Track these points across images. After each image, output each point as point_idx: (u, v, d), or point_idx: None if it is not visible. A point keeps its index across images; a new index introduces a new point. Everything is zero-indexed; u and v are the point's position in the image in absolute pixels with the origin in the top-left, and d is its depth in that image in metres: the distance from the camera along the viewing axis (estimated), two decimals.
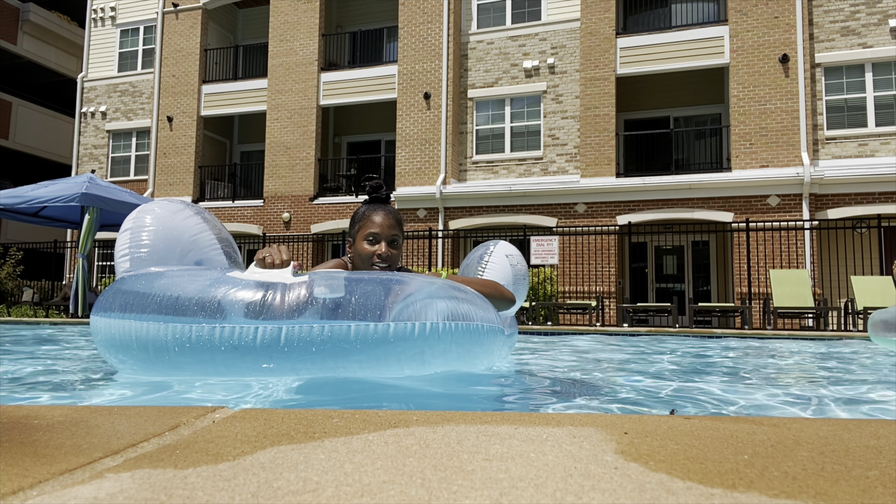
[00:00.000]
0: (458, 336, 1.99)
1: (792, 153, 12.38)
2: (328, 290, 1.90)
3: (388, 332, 1.88)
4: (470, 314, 2.05)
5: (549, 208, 13.76)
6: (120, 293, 2.11)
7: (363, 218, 2.51)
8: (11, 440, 1.01)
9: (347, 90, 16.03)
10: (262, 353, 1.87)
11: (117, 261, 2.32)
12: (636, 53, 13.77)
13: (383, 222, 2.49)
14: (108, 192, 10.16)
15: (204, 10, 17.65)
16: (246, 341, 1.84)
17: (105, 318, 2.11)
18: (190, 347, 1.90)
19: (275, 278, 1.93)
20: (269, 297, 1.87)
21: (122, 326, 2.03)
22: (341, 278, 1.97)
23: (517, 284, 2.76)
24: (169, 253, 2.27)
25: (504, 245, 2.86)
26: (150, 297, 1.99)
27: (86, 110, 18.68)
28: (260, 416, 1.21)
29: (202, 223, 2.41)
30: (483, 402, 2.10)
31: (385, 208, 2.52)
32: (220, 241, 2.43)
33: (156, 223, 2.30)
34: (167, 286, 2.01)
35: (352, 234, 2.54)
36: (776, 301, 9.51)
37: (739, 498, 0.73)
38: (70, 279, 16.28)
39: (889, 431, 1.09)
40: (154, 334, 1.94)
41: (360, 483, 0.78)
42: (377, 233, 2.47)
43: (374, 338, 1.88)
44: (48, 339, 5.52)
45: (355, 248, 2.51)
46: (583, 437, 1.02)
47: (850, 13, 12.60)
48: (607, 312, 12.66)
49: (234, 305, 1.87)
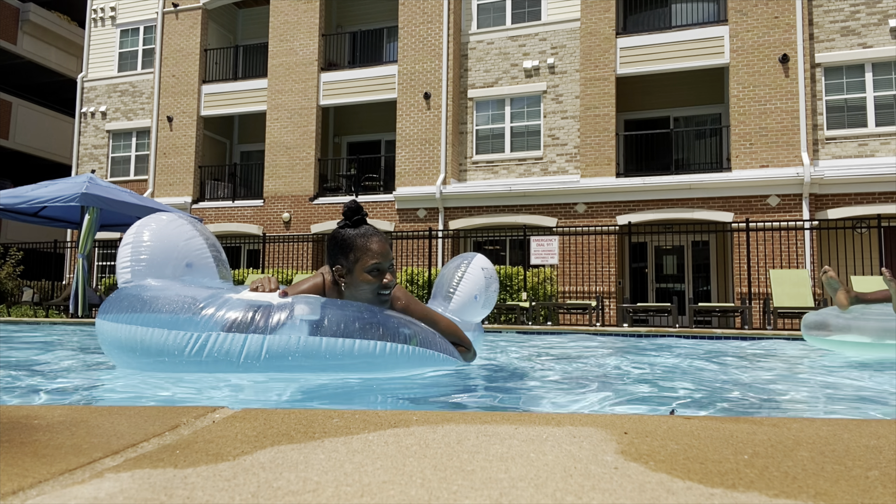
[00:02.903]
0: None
1: (792, 153, 12.38)
2: (307, 312, 2.21)
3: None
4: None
5: (549, 208, 13.76)
6: (133, 300, 2.42)
7: (361, 248, 2.38)
8: (11, 440, 1.01)
9: (347, 90, 16.02)
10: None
11: (119, 271, 2.64)
12: (636, 53, 13.77)
13: (383, 250, 2.39)
14: (108, 192, 10.16)
15: (204, 10, 17.65)
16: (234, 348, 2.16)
17: (115, 323, 2.43)
18: (193, 352, 2.20)
19: (265, 299, 2.26)
20: (257, 314, 2.20)
21: (130, 331, 2.34)
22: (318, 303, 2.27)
23: (488, 295, 3.02)
24: (165, 261, 2.62)
25: (480, 258, 3.04)
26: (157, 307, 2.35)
27: (86, 110, 18.68)
28: (260, 416, 1.21)
29: (192, 230, 2.73)
30: (483, 402, 2.10)
31: (377, 233, 2.44)
32: (210, 248, 2.76)
33: (152, 238, 2.65)
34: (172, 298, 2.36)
35: (344, 264, 2.41)
36: (776, 301, 9.51)
37: (739, 498, 0.73)
38: (70, 279, 16.28)
39: (889, 431, 1.09)
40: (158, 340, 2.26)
41: (360, 483, 0.78)
42: (380, 263, 2.38)
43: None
44: (48, 339, 5.52)
45: (354, 279, 2.40)
46: (583, 437, 1.02)
47: (850, 13, 12.60)
48: (607, 312, 12.66)
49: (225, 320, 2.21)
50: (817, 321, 4.28)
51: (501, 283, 11.86)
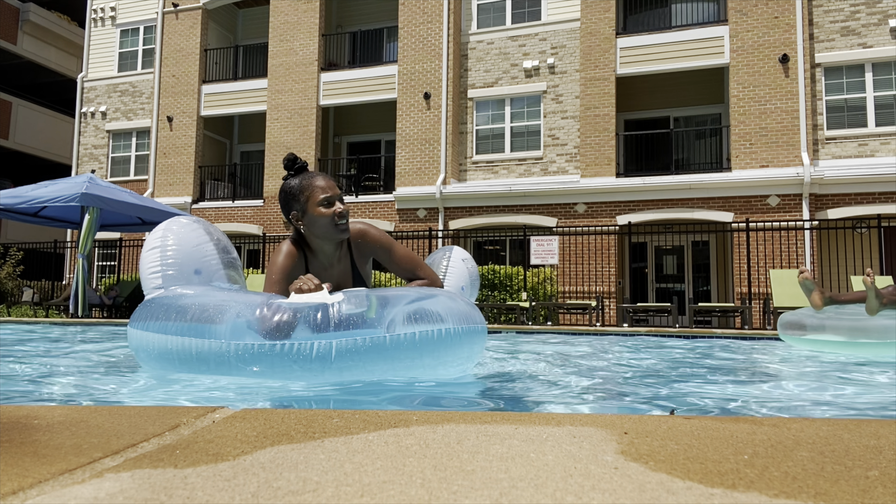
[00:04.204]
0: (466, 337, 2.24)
1: (792, 153, 12.38)
2: (358, 305, 2.12)
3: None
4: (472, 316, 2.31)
5: (549, 208, 13.76)
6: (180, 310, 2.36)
7: (307, 188, 2.48)
8: (11, 440, 1.01)
9: (347, 90, 16.02)
10: (317, 364, 2.07)
11: (147, 276, 2.62)
12: (636, 53, 13.77)
13: (328, 184, 2.49)
14: (108, 192, 10.16)
15: (204, 10, 17.65)
16: (304, 354, 2.05)
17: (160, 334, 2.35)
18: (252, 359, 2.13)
19: (317, 299, 2.15)
20: (318, 315, 2.09)
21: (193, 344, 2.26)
22: (364, 294, 2.19)
23: (473, 285, 3.07)
24: (189, 267, 2.62)
25: (458, 250, 3.13)
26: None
27: (86, 110, 18.68)
28: (260, 416, 1.21)
29: (205, 236, 2.73)
30: (483, 402, 2.10)
31: (319, 173, 2.56)
32: (220, 252, 2.76)
33: (177, 242, 2.66)
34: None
35: (297, 208, 2.48)
36: (776, 301, 9.51)
37: (739, 498, 0.73)
38: (70, 279, 16.28)
39: (889, 431, 1.09)
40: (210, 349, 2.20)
41: (360, 483, 0.78)
42: (329, 195, 2.46)
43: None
44: (48, 339, 5.52)
45: (309, 218, 2.46)
46: (583, 437, 1.02)
47: (850, 13, 12.60)
48: (607, 312, 12.66)
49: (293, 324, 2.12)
50: (793, 321, 4.46)
51: (501, 282, 11.87)
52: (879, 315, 3.99)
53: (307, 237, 2.55)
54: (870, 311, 4.03)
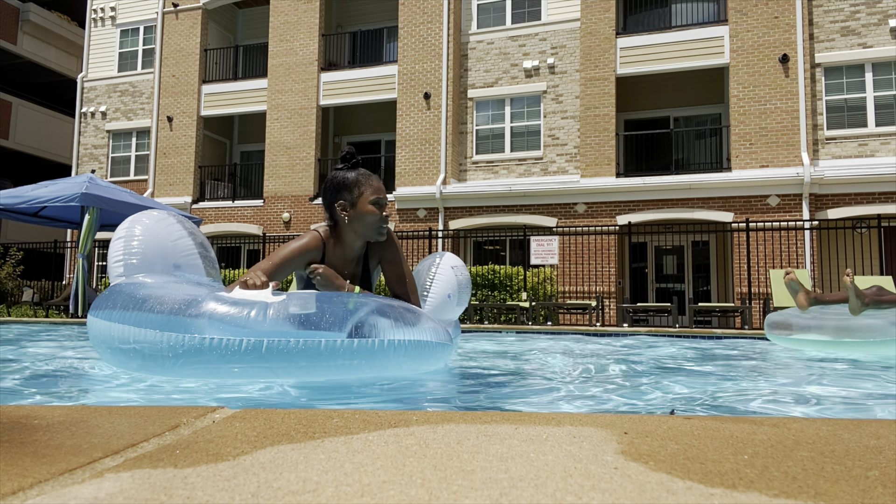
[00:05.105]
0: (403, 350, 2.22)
1: (792, 153, 12.38)
2: (302, 308, 2.11)
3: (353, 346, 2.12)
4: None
5: (549, 208, 13.76)
6: (123, 298, 2.33)
7: (362, 183, 2.53)
8: (11, 440, 1.01)
9: (347, 90, 16.02)
10: (244, 360, 2.05)
11: (111, 266, 2.58)
12: (636, 53, 13.77)
13: (381, 187, 2.57)
14: (108, 192, 10.15)
15: (204, 10, 17.65)
16: (232, 350, 2.03)
17: (106, 321, 2.33)
18: (183, 353, 2.09)
19: (259, 297, 2.13)
20: (253, 313, 2.06)
21: (122, 331, 2.24)
22: (313, 297, 2.19)
23: (461, 292, 3.05)
24: (155, 259, 2.55)
25: (449, 257, 3.09)
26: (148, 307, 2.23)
27: (86, 110, 18.68)
28: (260, 416, 1.21)
29: (182, 230, 2.68)
30: (483, 403, 2.10)
31: (373, 175, 2.61)
32: (198, 247, 2.71)
33: (144, 233, 2.59)
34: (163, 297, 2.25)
35: (349, 199, 2.52)
36: (776, 301, 9.51)
37: (739, 498, 0.73)
38: (70, 279, 16.29)
39: (889, 431, 1.09)
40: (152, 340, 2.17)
41: (360, 483, 0.78)
42: (381, 198, 2.53)
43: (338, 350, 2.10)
44: (48, 339, 5.52)
45: (358, 213, 2.51)
46: (583, 437, 1.02)
47: (850, 13, 12.60)
48: (607, 312, 12.66)
49: (222, 319, 2.08)
50: (780, 321, 4.56)
51: (501, 283, 11.87)
52: (862, 315, 4.08)
53: (342, 228, 2.58)
54: (852, 310, 4.12)
